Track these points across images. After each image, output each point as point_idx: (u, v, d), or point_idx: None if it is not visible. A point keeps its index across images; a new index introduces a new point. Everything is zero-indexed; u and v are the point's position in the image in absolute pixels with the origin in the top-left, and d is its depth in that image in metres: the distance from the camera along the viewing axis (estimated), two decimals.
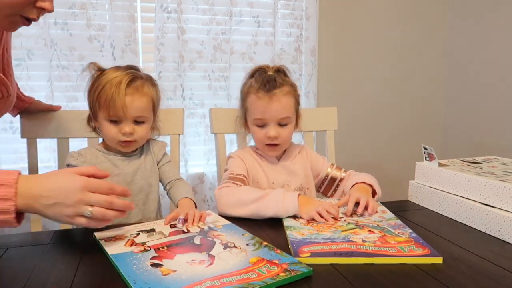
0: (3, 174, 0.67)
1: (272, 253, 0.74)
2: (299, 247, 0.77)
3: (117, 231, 0.85)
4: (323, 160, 1.24)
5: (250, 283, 0.63)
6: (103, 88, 0.99)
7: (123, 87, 0.98)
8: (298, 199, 0.94)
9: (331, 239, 0.81)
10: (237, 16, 1.80)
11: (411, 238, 0.81)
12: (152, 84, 1.07)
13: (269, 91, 1.08)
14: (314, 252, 0.75)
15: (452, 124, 2.21)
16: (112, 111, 0.99)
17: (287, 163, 1.18)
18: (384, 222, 0.91)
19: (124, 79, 0.99)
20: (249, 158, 1.16)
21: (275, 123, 1.10)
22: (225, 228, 0.87)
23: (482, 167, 1.08)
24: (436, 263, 0.73)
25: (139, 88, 1.02)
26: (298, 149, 1.22)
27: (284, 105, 1.09)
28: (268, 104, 1.08)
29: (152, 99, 1.06)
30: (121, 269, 0.68)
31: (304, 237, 0.82)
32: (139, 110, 1.01)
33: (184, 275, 0.65)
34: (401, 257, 0.74)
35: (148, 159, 1.11)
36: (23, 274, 0.70)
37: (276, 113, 1.09)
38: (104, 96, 0.99)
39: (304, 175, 1.18)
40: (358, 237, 0.82)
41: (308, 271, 0.68)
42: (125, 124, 1.01)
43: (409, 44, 2.14)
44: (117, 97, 0.97)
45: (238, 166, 1.12)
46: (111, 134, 1.02)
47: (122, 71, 1.02)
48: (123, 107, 0.98)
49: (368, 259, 0.73)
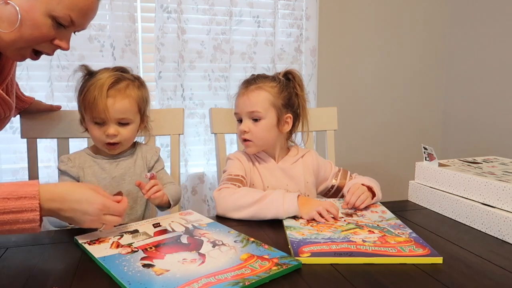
0: (26, 186, 0.73)
1: (261, 249, 0.75)
2: (299, 247, 0.77)
3: (98, 234, 0.84)
4: (330, 166, 1.21)
5: (246, 278, 0.64)
6: (88, 91, 1.00)
7: (105, 89, 0.99)
8: (298, 199, 0.94)
9: (331, 239, 0.81)
10: (237, 16, 1.80)
11: (411, 238, 0.81)
12: (138, 86, 1.07)
13: (246, 87, 1.11)
14: (314, 252, 0.75)
15: (452, 124, 2.21)
16: (95, 113, 0.99)
17: (287, 167, 1.15)
18: (384, 222, 0.92)
19: (107, 81, 1.00)
20: (246, 159, 1.14)
21: (247, 117, 1.09)
22: (210, 227, 0.88)
23: (482, 167, 1.08)
24: (436, 263, 0.73)
25: (122, 90, 1.02)
26: (302, 153, 1.18)
27: (255, 99, 1.08)
28: (242, 98, 1.10)
29: (136, 100, 1.05)
30: (112, 271, 0.68)
31: (304, 237, 0.82)
32: (121, 112, 1.01)
33: (178, 274, 0.66)
34: (401, 257, 0.74)
35: (138, 163, 1.11)
36: (23, 274, 0.70)
37: (246, 106, 1.09)
38: (88, 98, 0.99)
39: (303, 181, 1.15)
40: (358, 237, 0.82)
41: (298, 263, 0.70)
42: (109, 126, 1.01)
43: (409, 44, 2.14)
44: (99, 99, 0.98)
45: (237, 167, 1.11)
46: (97, 136, 1.03)
47: (108, 73, 1.02)
48: (104, 109, 0.98)
49: (368, 259, 0.73)
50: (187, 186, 1.81)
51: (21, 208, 0.70)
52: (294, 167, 1.15)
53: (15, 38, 0.81)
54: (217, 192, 1.03)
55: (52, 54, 0.90)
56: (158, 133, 1.33)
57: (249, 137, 1.09)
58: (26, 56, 0.88)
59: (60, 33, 0.85)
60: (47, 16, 0.81)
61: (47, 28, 0.82)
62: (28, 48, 0.85)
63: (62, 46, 0.87)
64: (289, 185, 1.13)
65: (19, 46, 0.84)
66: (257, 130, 1.09)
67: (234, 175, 1.09)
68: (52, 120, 1.21)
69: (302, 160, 1.17)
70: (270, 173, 1.13)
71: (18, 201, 0.70)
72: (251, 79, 1.12)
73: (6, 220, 0.69)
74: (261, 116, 1.08)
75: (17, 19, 0.78)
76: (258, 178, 1.13)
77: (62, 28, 0.85)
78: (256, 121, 1.09)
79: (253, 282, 0.63)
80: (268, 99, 1.08)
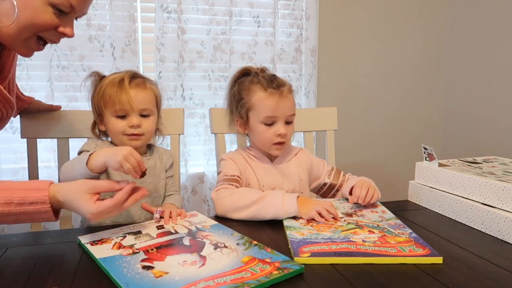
0: (37, 183, 0.80)
1: (263, 252, 0.74)
2: (299, 247, 0.77)
3: (102, 234, 0.84)
4: (323, 165, 1.21)
5: (245, 282, 0.63)
6: (106, 88, 1.03)
7: (127, 82, 1.03)
8: (297, 200, 0.94)
9: (331, 239, 0.81)
10: (237, 16, 1.80)
11: (411, 238, 0.81)
12: (152, 83, 1.11)
13: (277, 88, 1.08)
14: (314, 252, 0.75)
15: (452, 124, 2.21)
16: (119, 106, 1.02)
17: (281, 165, 1.16)
18: (384, 222, 0.91)
19: (126, 76, 1.04)
20: (240, 160, 1.14)
21: (283, 120, 1.10)
22: (213, 228, 0.87)
23: (482, 167, 1.08)
24: (436, 263, 0.73)
25: (141, 84, 1.06)
26: (295, 151, 1.20)
27: (292, 102, 1.11)
28: (280, 100, 1.07)
29: (155, 94, 1.09)
30: (112, 272, 0.67)
31: (304, 237, 0.82)
32: (144, 102, 1.04)
33: (177, 277, 0.65)
34: (401, 257, 0.74)
35: (158, 165, 1.12)
36: (23, 274, 0.70)
37: (287, 109, 1.09)
38: (108, 94, 1.02)
39: (298, 179, 1.16)
40: (358, 237, 0.82)
41: (300, 268, 0.69)
42: (132, 117, 1.03)
43: (409, 44, 2.14)
44: (121, 91, 1.01)
45: (231, 167, 1.11)
46: (119, 129, 1.03)
47: (122, 73, 1.07)
48: (129, 99, 1.01)
49: (368, 259, 0.73)
50: (187, 186, 1.81)
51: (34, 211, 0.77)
52: (288, 166, 1.16)
53: (18, 30, 0.83)
54: (215, 193, 1.02)
55: (58, 41, 0.91)
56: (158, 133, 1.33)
57: (285, 139, 1.10)
58: (33, 47, 0.89)
59: (63, 20, 0.87)
60: (46, 4, 0.82)
61: (49, 15, 0.83)
62: (33, 37, 0.86)
63: (66, 33, 0.88)
64: (284, 183, 1.14)
65: (25, 37, 0.85)
66: (291, 132, 1.12)
67: (230, 175, 1.08)
68: (52, 120, 1.21)
69: (296, 158, 1.19)
70: (265, 172, 1.14)
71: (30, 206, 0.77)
72: (276, 79, 1.11)
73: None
74: (294, 118, 1.12)
75: (15, 11, 0.81)
76: (254, 177, 1.13)
77: (63, 15, 0.86)
78: (290, 123, 1.11)
79: (253, 287, 0.62)
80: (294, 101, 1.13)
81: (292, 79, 1.91)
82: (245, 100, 1.12)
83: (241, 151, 1.18)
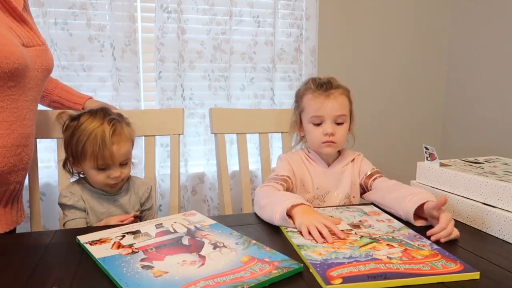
0: None
1: (262, 251, 0.74)
2: (325, 271, 0.69)
3: (101, 234, 0.84)
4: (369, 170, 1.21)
5: (245, 282, 0.63)
6: (87, 141, 1.00)
7: (108, 138, 1.00)
8: (295, 207, 0.89)
9: (354, 258, 0.73)
10: (237, 16, 1.80)
11: (435, 251, 0.76)
12: (126, 123, 1.09)
13: (325, 90, 1.14)
14: (345, 276, 0.67)
15: (453, 124, 2.20)
16: (101, 161, 1.01)
17: (337, 170, 1.19)
18: (397, 232, 0.86)
19: (107, 130, 1.01)
20: (297, 160, 1.19)
21: (331, 120, 1.13)
22: (212, 228, 0.87)
23: (484, 167, 1.08)
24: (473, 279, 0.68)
25: (121, 134, 1.04)
26: (352, 157, 1.23)
27: (340, 103, 1.15)
28: (325, 100, 1.13)
29: (131, 139, 1.09)
30: (111, 272, 0.67)
31: (324, 258, 0.74)
32: (125, 155, 1.05)
33: (177, 276, 0.65)
34: (438, 275, 0.68)
35: (132, 199, 1.12)
36: (23, 274, 0.70)
37: (333, 109, 1.13)
38: (90, 149, 1.00)
39: (351, 183, 1.19)
40: (380, 253, 0.75)
41: (299, 267, 0.69)
42: (113, 170, 1.03)
43: (409, 44, 2.14)
44: (104, 148, 1.00)
45: (283, 167, 1.16)
46: (100, 180, 1.04)
47: (99, 120, 1.03)
48: (111, 156, 1.01)
49: (406, 280, 0.67)
50: (187, 186, 1.81)
51: None
52: (344, 171, 1.20)
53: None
54: (258, 188, 1.07)
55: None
56: (158, 133, 1.33)
57: (334, 139, 1.13)
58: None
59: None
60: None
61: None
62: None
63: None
64: (338, 187, 1.18)
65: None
66: (341, 132, 1.15)
67: (280, 175, 1.14)
68: (52, 120, 1.21)
69: (352, 164, 1.22)
70: (320, 175, 1.18)
71: None
72: (327, 83, 1.16)
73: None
74: (345, 119, 1.16)
75: None
76: (309, 178, 1.18)
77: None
78: (340, 124, 1.15)
79: (252, 286, 0.62)
80: (348, 104, 1.18)
81: (292, 79, 1.91)
82: (298, 103, 1.22)
83: (300, 152, 1.23)
